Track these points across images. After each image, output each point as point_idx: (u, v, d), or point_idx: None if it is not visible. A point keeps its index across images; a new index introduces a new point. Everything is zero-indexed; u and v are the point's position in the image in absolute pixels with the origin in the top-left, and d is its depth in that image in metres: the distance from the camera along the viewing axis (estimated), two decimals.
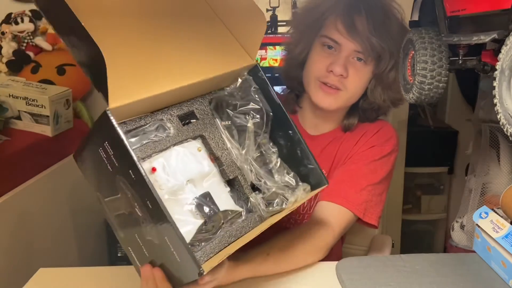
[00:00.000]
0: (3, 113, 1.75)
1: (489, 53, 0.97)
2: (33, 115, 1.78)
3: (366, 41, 0.90)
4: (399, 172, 1.81)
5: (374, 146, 1.00)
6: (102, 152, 0.62)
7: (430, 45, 1.09)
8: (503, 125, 0.79)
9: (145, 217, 0.61)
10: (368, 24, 0.91)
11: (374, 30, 0.90)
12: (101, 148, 0.61)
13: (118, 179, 0.62)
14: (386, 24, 0.92)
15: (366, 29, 0.90)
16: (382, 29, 0.91)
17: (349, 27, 0.91)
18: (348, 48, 0.93)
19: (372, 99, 0.99)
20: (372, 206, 0.97)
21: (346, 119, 1.03)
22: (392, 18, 0.93)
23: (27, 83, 1.88)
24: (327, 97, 0.95)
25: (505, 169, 1.30)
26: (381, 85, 0.97)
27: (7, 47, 2.11)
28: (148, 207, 0.59)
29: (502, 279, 0.79)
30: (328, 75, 0.94)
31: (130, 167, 0.59)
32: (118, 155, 0.60)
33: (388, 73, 0.94)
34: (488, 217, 0.84)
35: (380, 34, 0.91)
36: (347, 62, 0.93)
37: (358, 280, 0.79)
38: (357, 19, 0.91)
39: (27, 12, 2.15)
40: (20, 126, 1.80)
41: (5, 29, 2.13)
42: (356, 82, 0.95)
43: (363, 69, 0.94)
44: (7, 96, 1.78)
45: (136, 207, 0.61)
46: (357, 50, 0.93)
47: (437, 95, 1.11)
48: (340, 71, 0.92)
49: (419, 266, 0.83)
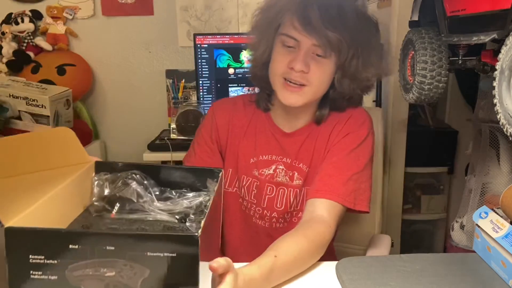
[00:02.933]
0: (4, 113, 1.75)
1: (488, 53, 0.97)
2: (33, 115, 1.78)
3: (322, 35, 0.91)
4: (399, 172, 1.81)
5: (349, 134, 1.01)
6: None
7: (430, 45, 1.09)
8: (503, 125, 0.79)
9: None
10: (322, 18, 0.91)
11: (328, 24, 0.91)
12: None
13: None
14: (340, 15, 0.92)
15: (320, 23, 0.91)
16: (337, 21, 0.92)
17: (304, 23, 0.92)
18: (306, 44, 0.93)
19: (340, 90, 1.00)
20: (360, 193, 0.98)
21: (318, 111, 1.04)
22: (347, 9, 0.93)
23: (27, 83, 1.88)
24: (292, 95, 0.96)
25: (505, 169, 1.30)
26: (346, 75, 0.97)
27: (7, 47, 2.11)
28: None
29: (502, 279, 0.79)
30: (290, 72, 0.95)
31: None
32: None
33: (350, 62, 0.95)
34: (488, 217, 0.84)
35: (335, 27, 0.91)
36: (308, 58, 0.94)
37: (358, 280, 0.79)
38: (311, 14, 0.91)
39: (27, 12, 2.15)
40: (20, 126, 1.80)
41: (5, 29, 2.14)
42: (319, 76, 0.96)
43: (324, 62, 0.95)
44: (8, 96, 1.78)
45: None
46: (315, 45, 0.93)
47: (437, 95, 1.12)
48: (300, 67, 0.93)
49: (419, 266, 0.83)
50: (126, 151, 2.28)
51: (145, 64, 2.28)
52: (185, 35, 2.23)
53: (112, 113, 2.33)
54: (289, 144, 1.05)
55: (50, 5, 2.17)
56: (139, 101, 2.30)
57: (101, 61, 2.26)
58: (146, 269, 0.60)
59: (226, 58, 1.95)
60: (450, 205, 2.15)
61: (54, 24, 2.18)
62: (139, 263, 0.60)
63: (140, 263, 0.60)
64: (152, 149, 1.85)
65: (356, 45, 0.93)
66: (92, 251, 0.59)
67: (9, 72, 2.12)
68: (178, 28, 2.23)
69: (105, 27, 2.22)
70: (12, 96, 1.78)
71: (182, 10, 2.20)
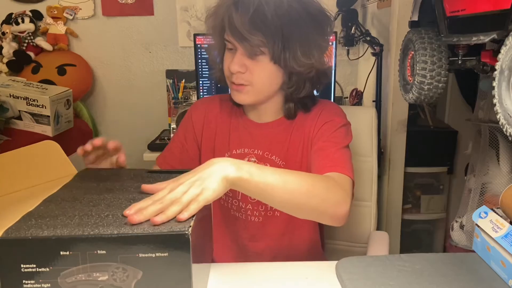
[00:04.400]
0: (4, 113, 1.75)
1: (488, 53, 0.97)
2: (34, 115, 1.78)
3: (245, 38, 0.94)
4: (399, 172, 1.81)
5: (326, 122, 1.03)
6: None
7: (429, 45, 1.10)
8: (502, 125, 0.79)
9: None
10: (243, 20, 0.93)
11: (250, 26, 0.93)
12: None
13: None
14: (258, 12, 0.93)
15: (242, 26, 0.93)
16: (257, 21, 0.93)
17: (230, 28, 0.95)
18: (239, 47, 0.97)
19: (290, 84, 1.02)
20: (350, 166, 0.98)
21: (285, 106, 1.06)
22: (266, 7, 0.93)
23: (28, 83, 1.88)
24: (238, 93, 1.01)
25: (504, 169, 1.30)
26: (287, 70, 0.99)
27: (7, 47, 2.11)
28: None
29: (501, 278, 0.79)
30: (231, 75, 0.99)
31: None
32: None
33: (280, 57, 0.96)
34: (487, 216, 0.84)
35: (257, 28, 0.93)
36: (243, 59, 0.97)
37: (358, 280, 0.79)
38: (235, 18, 0.94)
39: (27, 12, 2.16)
40: (21, 126, 1.81)
41: (5, 29, 2.14)
42: (258, 74, 0.98)
43: (260, 61, 0.97)
44: (8, 96, 1.78)
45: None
46: (243, 47, 0.96)
47: (436, 95, 1.12)
48: (235, 68, 0.97)
49: (419, 266, 0.83)
50: (126, 151, 2.25)
51: (145, 64, 2.28)
52: (185, 35, 2.23)
53: (112, 113, 2.33)
54: (261, 136, 1.07)
55: (51, 5, 2.17)
56: (139, 101, 2.30)
57: (101, 61, 2.27)
58: (139, 271, 0.60)
59: None
60: (449, 205, 2.15)
61: (55, 24, 2.18)
62: (132, 265, 0.60)
63: (133, 265, 0.60)
64: (152, 149, 1.85)
65: (281, 41, 0.94)
66: (83, 256, 0.59)
67: (10, 72, 2.12)
68: (178, 28, 2.23)
69: (105, 27, 2.22)
70: (13, 96, 1.78)
71: (182, 10, 2.21)
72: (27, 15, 2.15)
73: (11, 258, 0.59)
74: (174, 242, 0.60)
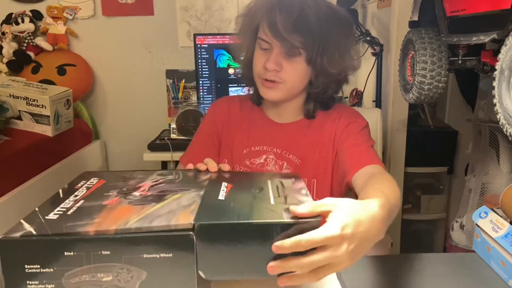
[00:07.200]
0: (4, 113, 1.75)
1: (488, 53, 0.97)
2: (34, 115, 1.78)
3: (286, 39, 0.99)
4: (399, 172, 1.81)
5: (350, 123, 1.08)
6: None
7: (430, 45, 1.10)
8: (502, 125, 0.79)
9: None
10: (286, 22, 0.99)
11: (291, 28, 0.99)
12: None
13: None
14: (302, 17, 0.99)
15: (284, 28, 0.99)
16: (300, 24, 0.99)
17: (271, 29, 1.01)
18: (276, 46, 1.02)
19: (317, 85, 1.07)
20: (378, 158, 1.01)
21: (305, 105, 1.12)
22: (308, 11, 0.99)
23: (28, 83, 1.88)
24: (269, 90, 1.05)
25: (504, 169, 1.30)
26: (317, 72, 1.05)
27: (7, 47, 2.11)
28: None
29: (501, 278, 0.79)
30: (265, 72, 1.04)
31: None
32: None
33: (316, 59, 1.02)
34: (487, 216, 0.84)
35: (298, 30, 0.99)
36: (280, 58, 1.02)
37: (358, 280, 0.79)
38: (278, 19, 1.00)
39: (27, 12, 2.16)
40: (21, 126, 1.81)
41: (5, 29, 2.14)
42: (292, 73, 1.03)
43: (295, 61, 1.03)
44: (8, 96, 1.78)
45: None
46: (283, 47, 1.01)
47: (436, 95, 1.12)
48: (272, 66, 1.02)
49: (419, 266, 0.84)
50: (126, 151, 2.28)
51: (145, 64, 2.28)
52: (185, 35, 2.23)
53: (112, 113, 2.33)
54: (280, 135, 1.11)
55: (51, 5, 2.17)
56: (139, 101, 2.30)
57: (101, 61, 2.27)
58: (143, 271, 0.60)
59: (226, 58, 1.95)
60: (450, 205, 2.15)
61: (55, 24, 2.18)
62: (136, 266, 0.60)
63: (137, 266, 0.60)
64: (152, 149, 1.85)
65: (320, 44, 1.00)
66: (88, 256, 0.59)
67: (10, 72, 2.12)
68: (178, 28, 2.23)
69: (105, 27, 2.22)
70: (13, 96, 1.78)
71: (182, 10, 2.21)
72: (27, 15, 2.15)
73: (15, 259, 0.59)
74: (179, 243, 0.59)
